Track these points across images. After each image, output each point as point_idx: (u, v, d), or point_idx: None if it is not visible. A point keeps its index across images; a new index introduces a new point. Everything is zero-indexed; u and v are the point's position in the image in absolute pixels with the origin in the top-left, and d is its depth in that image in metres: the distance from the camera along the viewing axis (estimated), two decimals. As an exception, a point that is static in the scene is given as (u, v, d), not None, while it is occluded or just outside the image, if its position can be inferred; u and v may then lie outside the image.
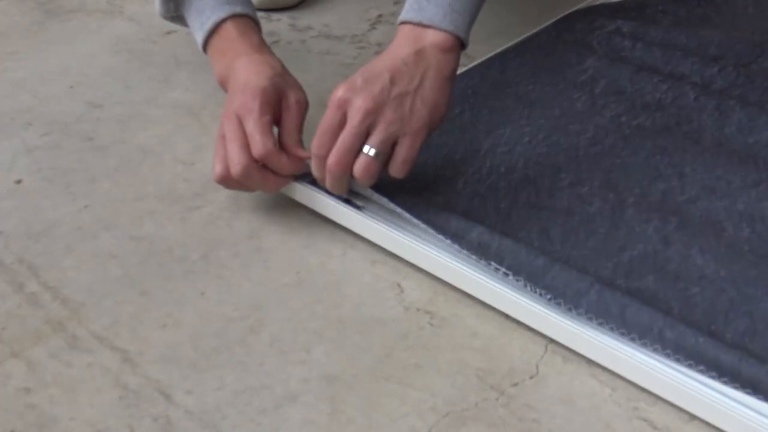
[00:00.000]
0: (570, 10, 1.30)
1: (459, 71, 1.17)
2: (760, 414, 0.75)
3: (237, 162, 0.94)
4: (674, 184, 0.97)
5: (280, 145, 0.96)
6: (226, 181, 0.96)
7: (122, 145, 1.12)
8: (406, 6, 0.95)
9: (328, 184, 0.93)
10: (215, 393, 0.81)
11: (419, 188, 0.97)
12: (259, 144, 0.94)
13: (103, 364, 0.84)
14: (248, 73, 0.99)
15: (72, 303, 0.90)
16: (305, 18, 1.40)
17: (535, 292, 0.85)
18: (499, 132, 1.06)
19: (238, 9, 1.04)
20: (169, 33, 1.35)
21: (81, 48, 1.32)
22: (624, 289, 0.85)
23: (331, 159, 0.90)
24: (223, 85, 1.03)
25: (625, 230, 0.92)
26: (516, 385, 0.82)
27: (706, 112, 1.07)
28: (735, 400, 0.77)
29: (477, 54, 1.28)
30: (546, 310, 0.84)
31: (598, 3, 1.34)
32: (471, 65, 1.20)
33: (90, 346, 0.86)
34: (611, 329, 0.82)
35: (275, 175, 0.96)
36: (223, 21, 1.04)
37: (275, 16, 1.39)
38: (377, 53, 1.28)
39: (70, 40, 1.34)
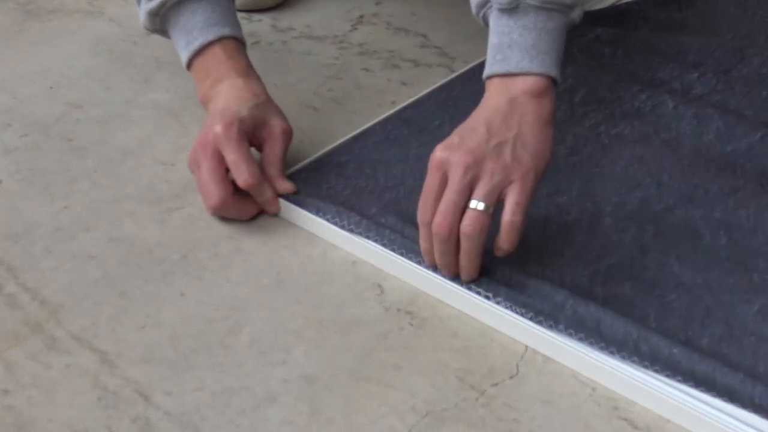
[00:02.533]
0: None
1: (441, 82, 1.18)
2: (738, 420, 0.76)
3: (213, 196, 0.94)
4: (652, 193, 0.98)
5: (264, 172, 0.96)
6: (222, 211, 0.97)
7: (102, 146, 1.12)
8: (488, 59, 0.91)
9: (436, 254, 0.87)
10: (194, 394, 0.81)
11: (398, 199, 0.98)
12: (246, 173, 0.94)
13: (82, 365, 0.84)
14: (228, 101, 0.98)
15: (51, 304, 0.90)
16: (286, 18, 1.39)
17: (515, 311, 0.85)
18: None
19: (226, 31, 1.03)
20: (150, 34, 1.34)
21: (61, 49, 1.32)
22: (601, 297, 0.85)
23: (436, 219, 0.84)
24: (205, 105, 1.03)
25: (602, 239, 0.92)
26: (496, 385, 0.82)
27: (684, 120, 1.07)
28: (713, 407, 0.77)
29: (458, 54, 1.28)
30: (524, 320, 0.85)
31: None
32: (452, 76, 1.20)
33: (68, 347, 0.86)
34: (590, 344, 0.82)
35: (253, 202, 0.97)
36: (210, 43, 1.03)
37: (256, 16, 1.39)
38: (359, 54, 1.28)
39: (50, 41, 1.34)
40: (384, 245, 0.92)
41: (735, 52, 1.19)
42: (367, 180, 1.01)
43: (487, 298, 0.87)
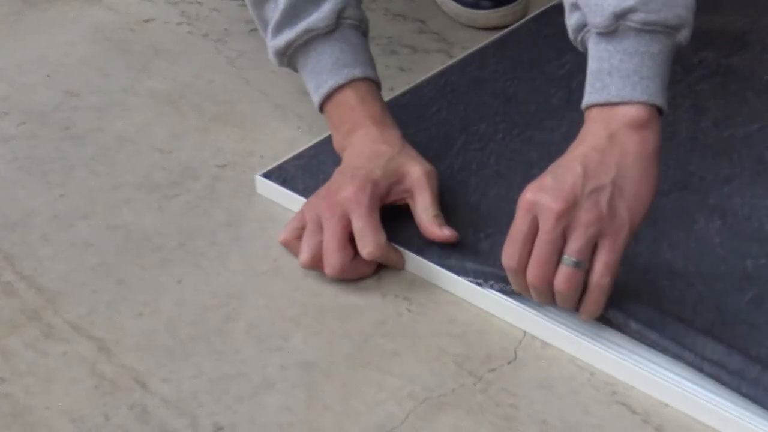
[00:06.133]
0: (550, 4, 1.30)
1: (439, 68, 1.18)
2: (737, 405, 0.76)
3: (334, 264, 0.88)
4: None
5: (418, 224, 0.90)
6: (313, 268, 0.91)
7: (99, 133, 1.11)
8: (587, 87, 0.84)
9: (534, 297, 0.82)
10: (191, 381, 0.81)
11: None
12: (371, 244, 0.88)
13: (79, 353, 0.84)
14: (362, 156, 0.92)
15: (48, 292, 0.90)
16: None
17: (512, 297, 0.85)
18: (473, 128, 1.06)
19: (357, 72, 0.96)
20: (147, 21, 1.34)
21: (58, 37, 1.31)
22: None
23: (530, 274, 0.79)
24: (340, 153, 0.97)
25: None
26: (494, 370, 0.82)
27: (682, 107, 1.07)
28: (708, 390, 0.77)
29: (457, 40, 1.27)
30: (520, 305, 0.85)
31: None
32: (450, 62, 1.19)
33: (66, 335, 0.85)
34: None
35: (369, 264, 0.90)
36: (341, 87, 0.96)
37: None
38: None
39: (47, 29, 1.33)
40: None
41: (736, 38, 1.18)
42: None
43: (479, 284, 0.87)
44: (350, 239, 0.89)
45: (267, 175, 1.01)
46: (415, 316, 0.87)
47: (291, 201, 0.98)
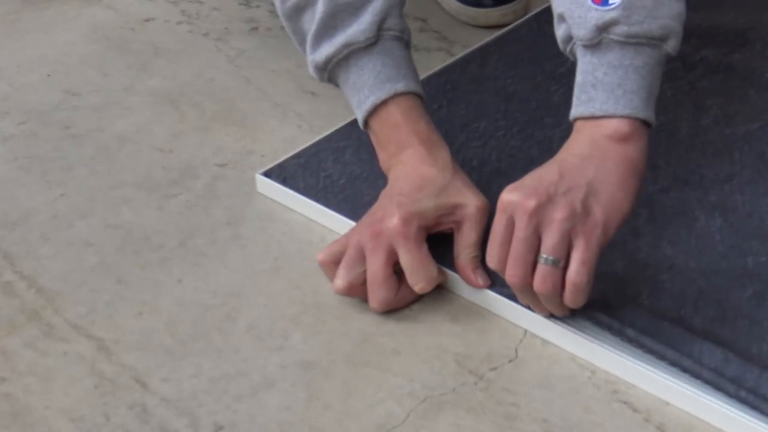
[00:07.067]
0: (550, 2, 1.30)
1: (440, 66, 1.17)
2: (739, 402, 0.75)
3: (380, 299, 0.85)
4: (646, 175, 0.97)
5: (456, 257, 0.87)
6: (347, 295, 0.87)
7: (99, 133, 1.11)
8: (574, 99, 0.84)
9: (519, 299, 0.82)
10: (191, 380, 0.81)
11: None
12: (423, 280, 0.85)
13: (79, 352, 0.84)
14: (409, 184, 0.88)
15: (47, 291, 0.90)
16: (285, 4, 1.38)
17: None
18: (474, 126, 1.06)
19: (400, 86, 0.91)
20: (147, 21, 1.34)
21: (58, 36, 1.31)
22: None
23: (508, 273, 0.78)
24: (386, 173, 0.93)
25: None
26: (495, 369, 0.81)
27: (683, 104, 1.06)
28: (710, 389, 0.76)
29: (457, 38, 1.27)
30: (519, 305, 0.84)
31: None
32: (451, 60, 1.19)
33: (65, 334, 0.85)
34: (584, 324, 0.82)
35: (414, 294, 0.87)
36: (384, 102, 0.91)
37: (255, 2, 1.38)
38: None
39: (47, 29, 1.33)
40: None
41: (737, 36, 1.18)
42: (363, 166, 1.00)
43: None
44: (395, 270, 0.86)
45: (267, 174, 1.01)
46: (415, 315, 0.87)
47: (291, 200, 0.98)
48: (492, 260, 0.80)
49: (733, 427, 0.75)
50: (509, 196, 0.78)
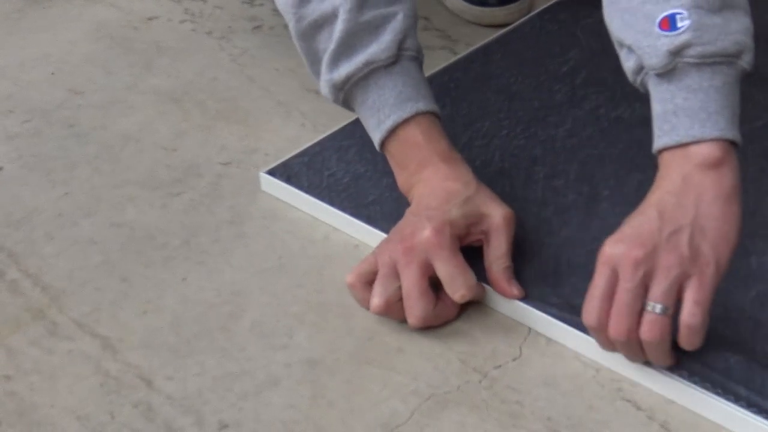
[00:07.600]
0: (553, 0, 1.30)
1: (443, 65, 1.17)
2: (743, 402, 0.75)
3: (418, 314, 0.83)
4: (650, 175, 0.96)
5: (487, 269, 0.86)
6: (384, 314, 0.85)
7: (103, 131, 1.11)
8: (655, 131, 0.80)
9: (624, 355, 0.78)
10: (196, 378, 0.81)
11: (394, 185, 0.97)
12: (464, 288, 0.83)
13: (84, 350, 0.84)
14: (435, 195, 0.87)
15: (52, 290, 0.90)
16: (288, 3, 1.38)
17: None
18: (477, 125, 1.06)
19: (420, 106, 0.90)
20: (150, 19, 1.34)
21: (62, 35, 1.31)
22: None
23: (612, 328, 0.75)
24: (406, 193, 0.92)
25: (598, 221, 0.92)
26: (499, 367, 0.81)
27: None
28: (714, 387, 0.76)
29: (460, 37, 1.27)
30: (525, 302, 0.85)
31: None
32: (454, 59, 1.19)
33: (70, 333, 0.85)
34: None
35: (455, 306, 0.86)
36: (405, 121, 0.90)
37: (258, 0, 1.38)
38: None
39: (50, 27, 1.33)
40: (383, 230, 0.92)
41: None
42: (367, 165, 1.00)
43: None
44: (431, 284, 0.84)
45: (271, 173, 1.01)
46: (419, 313, 0.87)
47: (295, 198, 0.98)
48: (590, 315, 0.77)
49: (737, 426, 0.75)
50: (612, 249, 0.76)
